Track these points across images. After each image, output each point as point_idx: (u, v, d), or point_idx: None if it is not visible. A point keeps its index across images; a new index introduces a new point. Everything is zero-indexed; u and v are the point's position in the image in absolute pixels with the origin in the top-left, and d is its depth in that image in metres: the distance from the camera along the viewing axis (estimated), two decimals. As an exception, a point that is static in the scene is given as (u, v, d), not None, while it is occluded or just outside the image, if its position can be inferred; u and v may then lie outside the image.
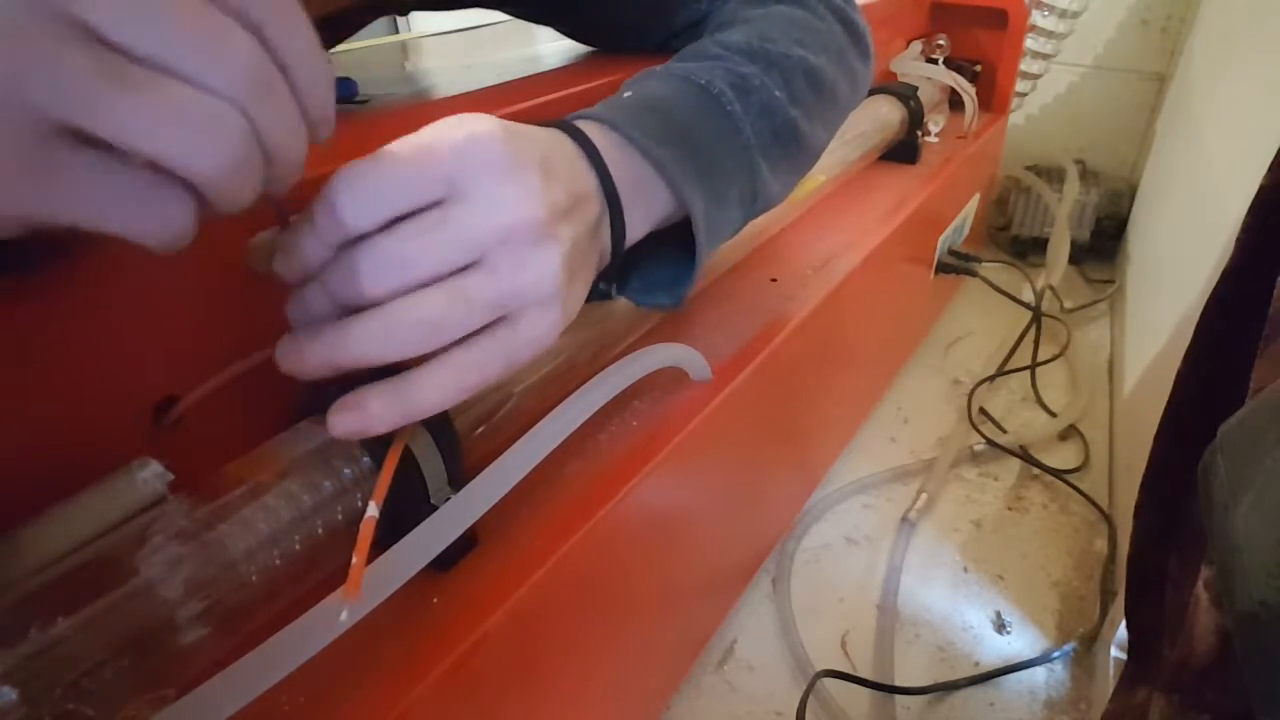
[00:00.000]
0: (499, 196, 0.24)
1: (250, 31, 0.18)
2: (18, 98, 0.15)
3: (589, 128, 0.30)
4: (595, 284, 0.31)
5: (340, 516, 0.27)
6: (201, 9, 0.17)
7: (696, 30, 0.48)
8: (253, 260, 0.25)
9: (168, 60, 0.17)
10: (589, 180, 0.29)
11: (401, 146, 0.24)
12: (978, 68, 0.95)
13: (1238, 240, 0.34)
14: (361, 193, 0.23)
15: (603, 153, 0.30)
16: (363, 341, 0.23)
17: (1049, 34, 1.02)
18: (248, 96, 0.18)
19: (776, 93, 0.37)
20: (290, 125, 0.20)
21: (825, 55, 0.41)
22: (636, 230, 0.32)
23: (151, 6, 0.16)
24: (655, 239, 0.34)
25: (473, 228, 0.24)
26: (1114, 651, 0.47)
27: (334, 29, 0.50)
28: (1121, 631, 0.45)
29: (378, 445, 0.28)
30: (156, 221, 0.18)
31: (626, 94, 0.34)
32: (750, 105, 0.36)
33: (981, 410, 0.77)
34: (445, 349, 0.24)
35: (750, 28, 0.40)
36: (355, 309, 0.24)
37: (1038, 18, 1.00)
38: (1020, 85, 1.06)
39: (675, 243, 0.35)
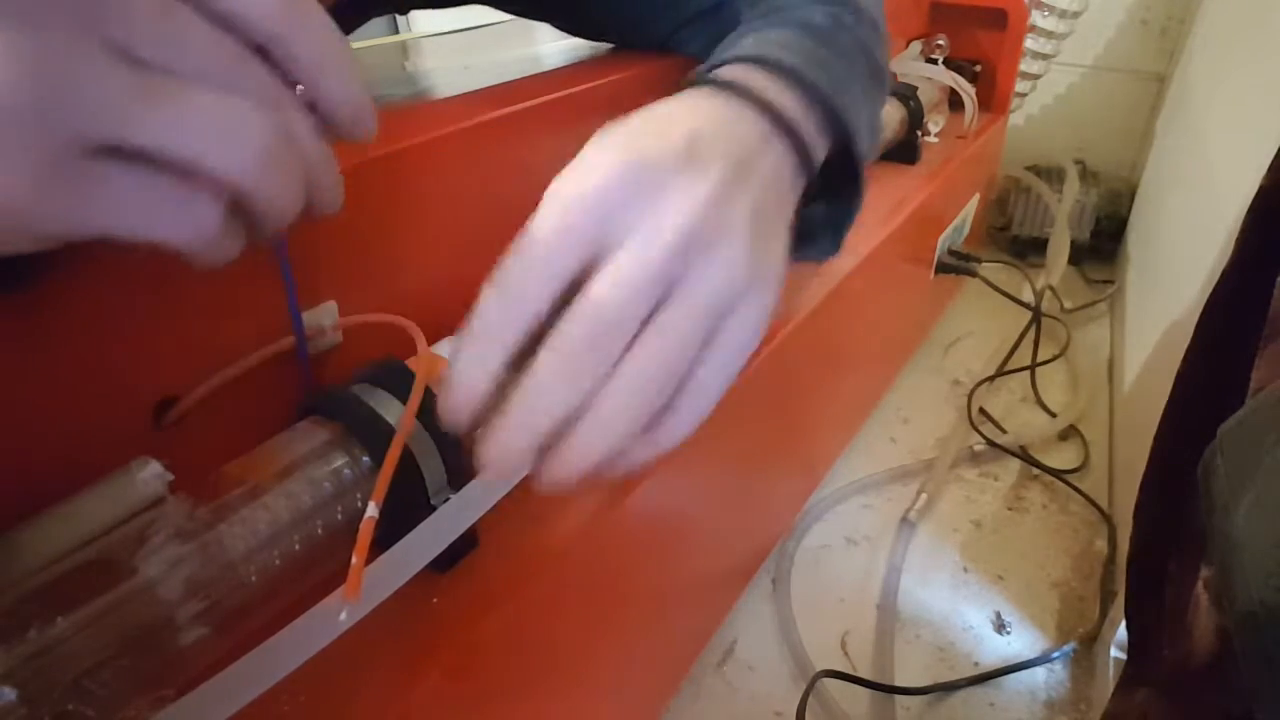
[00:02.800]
0: (649, 227, 0.23)
1: (268, 42, 0.19)
2: (58, 116, 0.16)
3: (732, 72, 0.29)
4: (800, 212, 0.30)
5: (340, 516, 0.27)
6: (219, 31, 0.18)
7: (708, 19, 0.46)
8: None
9: (194, 71, 0.18)
10: (757, 127, 0.27)
11: (545, 217, 0.23)
12: (978, 68, 0.95)
13: (1237, 240, 0.34)
14: (519, 279, 0.22)
15: (759, 90, 0.28)
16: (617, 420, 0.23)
17: (1049, 34, 1.02)
18: (269, 98, 0.19)
19: (861, 30, 0.36)
20: (312, 130, 0.21)
21: (875, 5, 0.40)
22: (819, 152, 0.30)
23: (177, 24, 0.18)
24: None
25: (645, 265, 0.22)
26: (1114, 651, 0.47)
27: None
28: (1121, 631, 0.45)
29: (378, 445, 0.28)
30: (190, 227, 0.19)
31: (745, 40, 0.33)
32: (853, 41, 0.35)
33: (981, 410, 0.77)
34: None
35: None
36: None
37: (1038, 18, 1.00)
38: (1020, 85, 1.06)
39: (825, 197, 0.34)
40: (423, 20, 1.29)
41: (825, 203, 0.34)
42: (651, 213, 0.23)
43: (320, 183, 0.22)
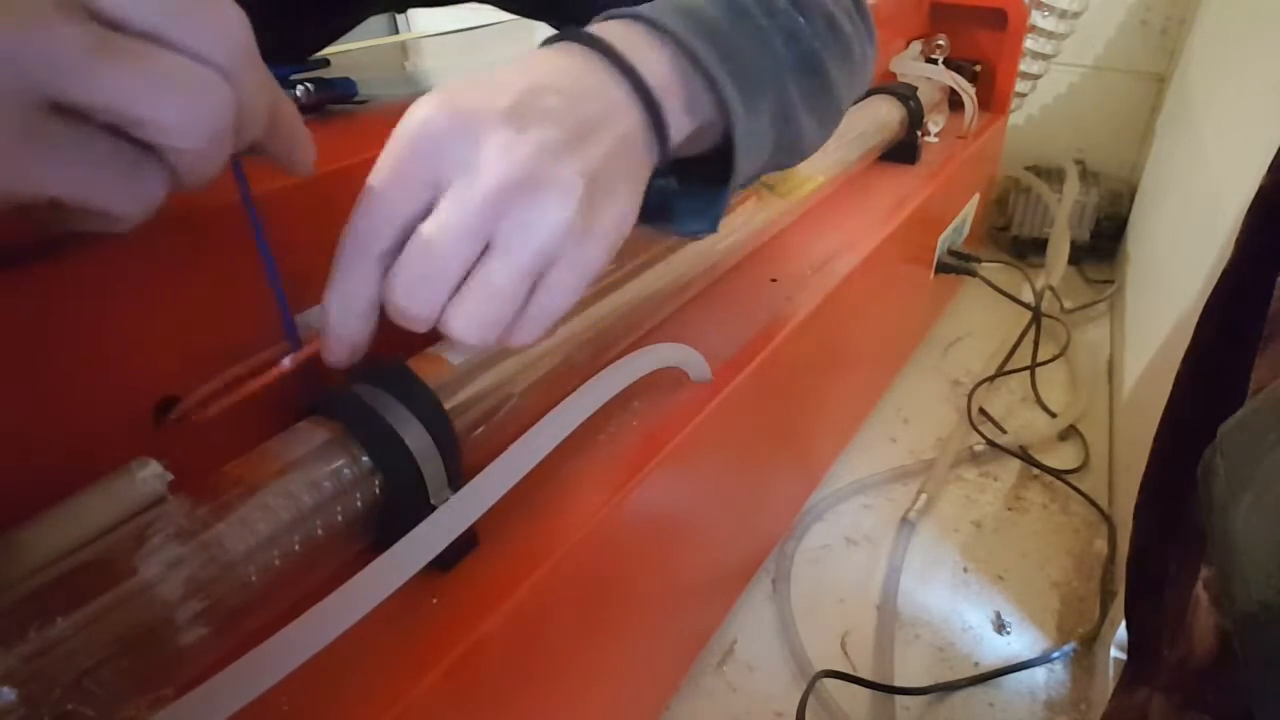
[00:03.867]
0: (470, 175, 0.24)
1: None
2: (14, 73, 0.16)
3: (613, 28, 0.29)
4: (653, 181, 0.30)
5: (340, 516, 0.27)
6: None
7: None
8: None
9: (161, 31, 0.18)
10: (611, 89, 0.27)
11: (380, 164, 0.24)
12: (977, 68, 0.95)
13: (1237, 241, 0.34)
14: (364, 234, 0.24)
15: (628, 51, 0.28)
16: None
17: (1049, 34, 1.02)
18: (236, 63, 0.19)
19: (800, 20, 0.36)
20: (266, 91, 0.21)
21: (838, 8, 0.39)
22: (682, 126, 0.30)
23: None
24: (685, 173, 0.33)
25: (461, 214, 0.24)
26: (1114, 651, 0.47)
27: (332, 23, 0.50)
28: (1121, 631, 0.45)
29: (378, 445, 0.28)
30: (136, 194, 0.19)
31: (651, 2, 0.33)
32: (777, 26, 0.34)
33: (981, 410, 0.76)
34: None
35: None
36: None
37: (1037, 18, 1.00)
38: (1020, 85, 1.06)
39: (703, 178, 0.34)
40: (423, 20, 1.29)
41: (703, 179, 0.34)
42: (469, 163, 0.24)
43: (297, 140, 0.23)
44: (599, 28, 0.29)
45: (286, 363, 0.26)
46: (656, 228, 0.34)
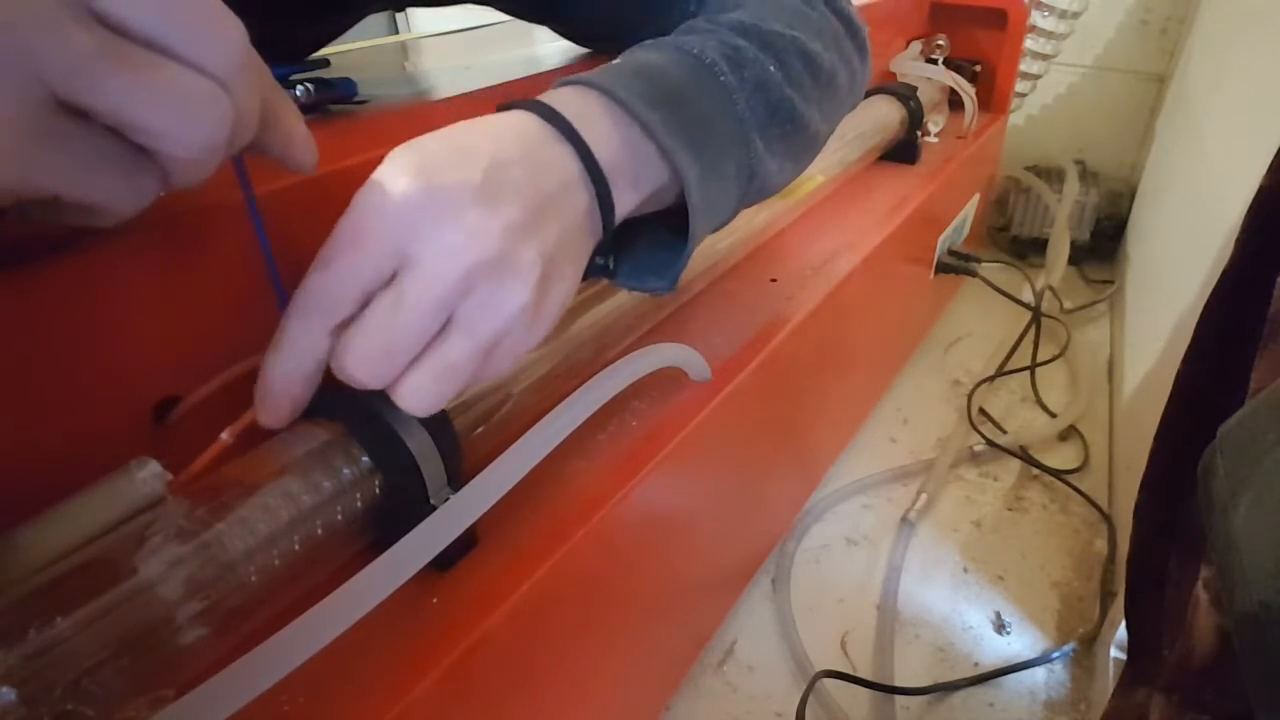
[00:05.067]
0: (440, 253, 0.24)
1: None
2: (27, 71, 0.16)
3: (567, 96, 0.29)
4: (592, 259, 0.30)
5: (340, 516, 0.27)
6: None
7: None
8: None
9: (165, 40, 0.18)
10: (565, 166, 0.27)
11: (342, 231, 0.24)
12: (977, 68, 0.95)
13: (1237, 241, 0.34)
14: (322, 298, 0.24)
15: (581, 122, 0.28)
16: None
17: (1049, 34, 1.02)
18: (235, 75, 0.19)
19: (771, 68, 0.35)
20: (257, 98, 0.21)
21: (820, 41, 0.40)
22: (627, 203, 0.30)
23: None
24: (649, 224, 0.33)
25: (429, 294, 0.24)
26: (1114, 651, 0.47)
27: (329, 21, 0.50)
28: (1121, 631, 0.45)
29: (377, 445, 0.28)
30: (131, 192, 0.19)
31: (616, 61, 0.33)
32: (744, 79, 0.34)
33: (981, 411, 0.76)
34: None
35: (742, 11, 0.39)
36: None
37: (1037, 18, 1.00)
38: (1020, 85, 1.06)
39: (669, 228, 0.34)
40: (423, 20, 1.29)
41: (669, 230, 0.34)
42: (439, 239, 0.24)
43: (295, 139, 0.23)
44: (555, 96, 0.29)
45: (225, 436, 0.26)
46: (616, 281, 0.34)
